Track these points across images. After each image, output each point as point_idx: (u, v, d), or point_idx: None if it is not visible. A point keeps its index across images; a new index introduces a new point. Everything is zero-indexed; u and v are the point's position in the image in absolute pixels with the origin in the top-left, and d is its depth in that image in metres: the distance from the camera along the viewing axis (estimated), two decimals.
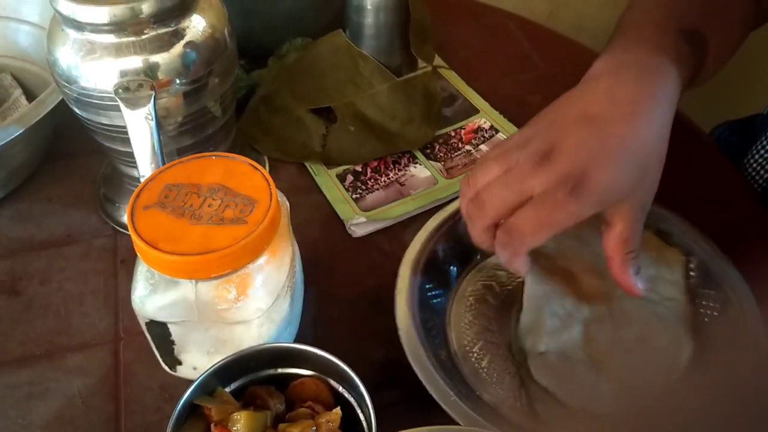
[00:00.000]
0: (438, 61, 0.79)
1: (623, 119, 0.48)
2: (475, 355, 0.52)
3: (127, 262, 0.58)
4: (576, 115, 0.50)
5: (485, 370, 0.51)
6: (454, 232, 0.56)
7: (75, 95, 0.53)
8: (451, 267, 0.56)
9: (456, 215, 0.56)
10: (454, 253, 0.57)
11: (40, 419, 0.49)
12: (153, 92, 0.50)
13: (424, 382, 0.46)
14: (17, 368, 0.52)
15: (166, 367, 0.50)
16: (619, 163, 0.47)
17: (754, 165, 0.73)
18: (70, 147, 0.69)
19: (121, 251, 0.60)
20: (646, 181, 0.49)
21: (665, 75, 0.51)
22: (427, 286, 0.54)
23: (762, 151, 0.74)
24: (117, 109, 0.50)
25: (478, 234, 0.49)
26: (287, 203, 0.49)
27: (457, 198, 0.59)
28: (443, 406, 0.45)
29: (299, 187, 0.66)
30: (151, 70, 0.51)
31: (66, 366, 0.52)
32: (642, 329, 0.51)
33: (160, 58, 0.51)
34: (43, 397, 0.50)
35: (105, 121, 0.54)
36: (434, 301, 0.54)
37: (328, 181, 0.66)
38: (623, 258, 0.49)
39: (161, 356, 0.49)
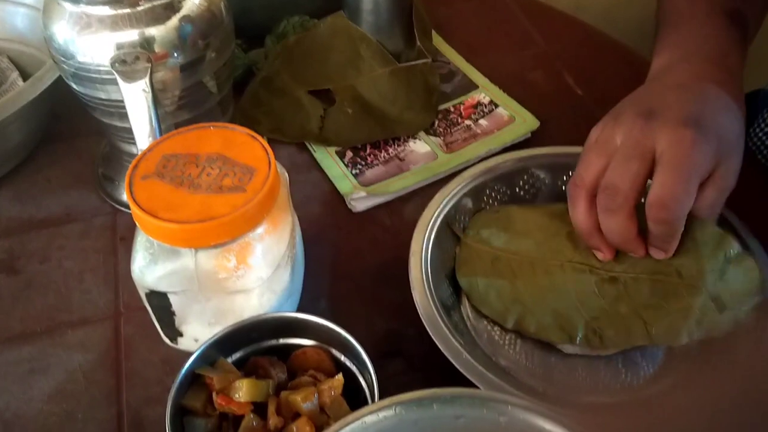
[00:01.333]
0: (437, 39, 0.78)
1: (708, 86, 0.47)
2: (489, 319, 0.52)
3: (127, 240, 0.58)
4: (660, 88, 0.48)
5: (498, 333, 0.51)
6: (466, 197, 0.56)
7: (72, 70, 0.53)
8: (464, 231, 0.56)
9: (468, 180, 0.57)
10: (467, 216, 0.57)
11: (41, 394, 0.49)
12: (150, 65, 0.50)
13: (436, 341, 0.46)
14: (18, 345, 0.52)
15: (167, 340, 0.50)
16: (724, 109, 0.46)
17: (755, 141, 0.73)
18: (68, 128, 0.69)
19: (121, 229, 0.59)
20: (742, 144, 0.46)
21: (725, 57, 0.51)
22: (440, 251, 0.53)
23: (764, 126, 0.74)
24: (114, 83, 0.50)
25: (624, 225, 0.45)
26: (286, 175, 0.49)
27: (462, 168, 0.59)
28: (456, 364, 0.45)
29: (299, 164, 0.66)
30: (147, 43, 0.51)
31: (67, 342, 0.52)
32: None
33: (156, 30, 0.51)
34: (44, 372, 0.50)
35: (102, 95, 0.54)
36: (448, 265, 0.54)
37: (327, 157, 0.65)
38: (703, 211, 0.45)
39: (162, 328, 0.49)
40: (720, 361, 0.47)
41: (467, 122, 0.68)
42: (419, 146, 0.66)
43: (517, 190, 0.58)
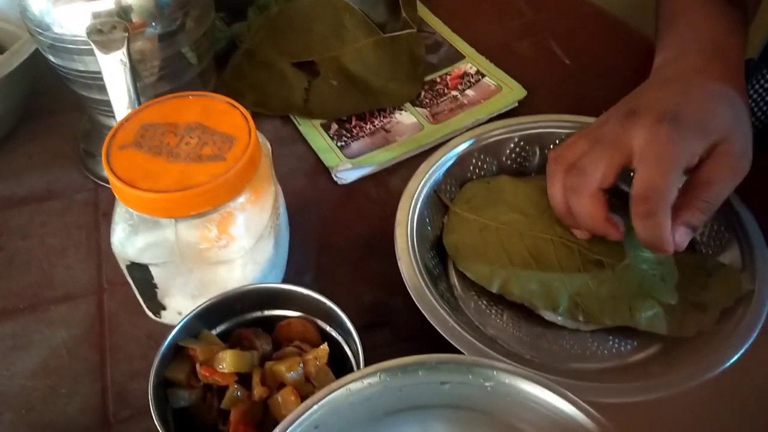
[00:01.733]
0: (423, 9, 0.77)
1: (698, 76, 0.48)
2: (476, 288, 0.51)
3: (109, 216, 0.56)
4: (649, 87, 0.49)
5: (485, 303, 0.51)
6: (453, 167, 0.56)
7: (49, 42, 0.52)
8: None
9: (455, 150, 0.56)
10: (454, 187, 0.56)
11: (24, 369, 0.48)
12: (127, 35, 0.49)
13: (422, 310, 0.46)
14: (1, 322, 0.51)
15: (150, 314, 0.49)
16: (707, 98, 0.46)
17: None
18: (48, 105, 0.68)
19: (103, 205, 0.59)
20: (740, 125, 0.46)
21: (723, 41, 0.51)
22: (427, 220, 0.53)
23: (753, 94, 0.73)
24: (92, 54, 0.49)
25: (586, 206, 0.46)
26: (268, 144, 0.48)
27: (450, 138, 0.59)
28: (443, 333, 0.45)
29: (283, 137, 0.65)
30: (124, 12, 0.50)
31: (50, 318, 0.51)
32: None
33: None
34: (27, 348, 0.49)
35: (80, 67, 0.53)
36: (434, 234, 0.54)
37: (312, 130, 0.65)
38: (695, 203, 0.45)
39: (145, 302, 0.48)
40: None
41: (454, 93, 0.68)
42: (405, 117, 0.65)
43: (504, 159, 0.58)
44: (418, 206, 0.52)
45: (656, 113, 0.44)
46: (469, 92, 0.67)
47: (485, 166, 0.58)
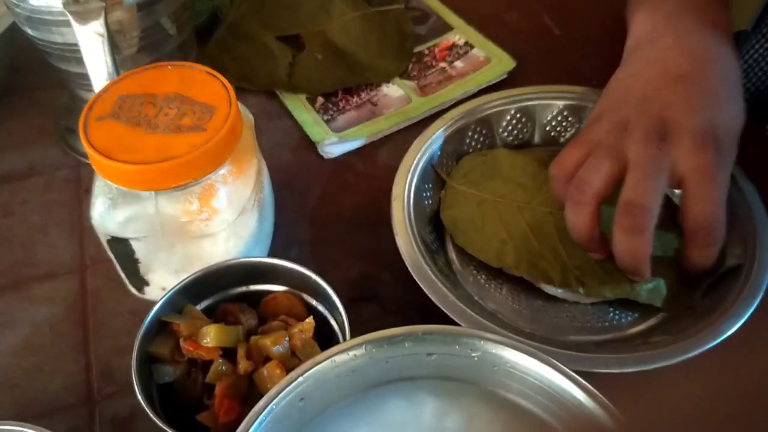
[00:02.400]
0: None
1: (713, 68, 0.47)
2: (475, 262, 0.51)
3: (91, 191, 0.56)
4: (662, 82, 0.47)
5: (483, 277, 0.50)
6: (449, 141, 0.55)
7: (26, 14, 0.51)
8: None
9: (450, 123, 0.55)
10: (451, 161, 0.56)
11: (7, 347, 0.48)
12: (104, 4, 0.47)
13: (422, 285, 0.45)
14: None
15: (134, 290, 0.48)
16: (732, 101, 0.46)
17: None
18: (28, 81, 0.66)
19: (85, 181, 0.58)
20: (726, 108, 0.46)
21: (714, 10, 0.49)
22: (424, 195, 0.52)
23: (743, 64, 0.73)
24: (69, 25, 0.48)
25: (585, 220, 0.45)
26: (251, 116, 0.47)
27: (438, 112, 0.58)
28: (443, 308, 0.44)
29: (269, 112, 0.64)
30: None
31: (33, 296, 0.50)
32: None
33: None
34: (10, 326, 0.49)
35: (58, 39, 0.51)
36: (432, 209, 0.53)
37: (297, 104, 0.64)
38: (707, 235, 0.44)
39: (127, 277, 0.47)
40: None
41: (442, 65, 0.66)
42: (393, 90, 0.64)
43: (501, 131, 0.57)
44: (414, 181, 0.51)
45: (695, 133, 0.43)
46: (458, 64, 0.66)
47: (482, 139, 0.57)
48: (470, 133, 0.56)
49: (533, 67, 0.66)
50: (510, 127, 0.57)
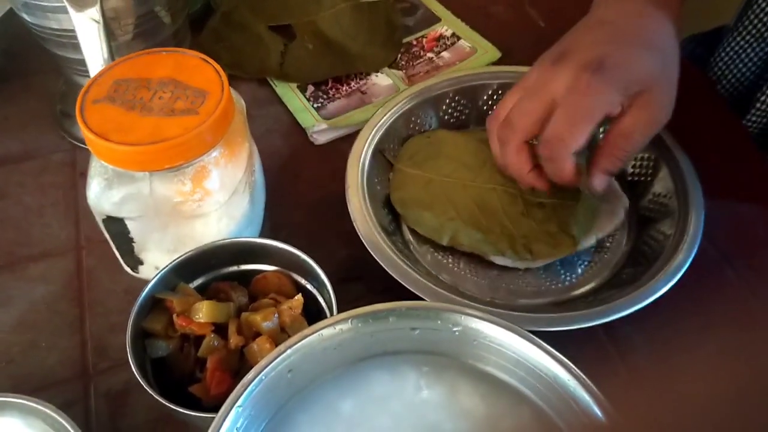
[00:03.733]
0: None
1: (632, 20, 0.48)
2: (431, 242, 0.53)
3: (87, 175, 0.58)
4: (583, 28, 0.50)
5: (440, 255, 0.52)
6: (394, 125, 0.57)
7: (23, 0, 0.52)
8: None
9: (395, 108, 0.57)
10: (397, 144, 0.58)
11: (3, 325, 0.49)
12: None
13: (383, 264, 0.47)
14: None
15: (128, 270, 0.50)
16: (636, 45, 0.47)
17: (716, 70, 0.74)
18: (24, 66, 0.67)
19: (81, 165, 0.59)
20: (665, 76, 0.47)
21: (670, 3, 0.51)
22: (375, 180, 0.54)
23: (724, 56, 0.74)
24: (65, 11, 0.49)
25: (511, 157, 0.48)
26: (242, 101, 0.49)
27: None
28: (404, 283, 0.46)
29: (260, 99, 0.65)
30: None
31: (28, 275, 0.52)
32: None
33: None
34: (6, 304, 0.50)
35: (54, 25, 0.53)
36: (384, 193, 0.55)
37: (288, 91, 0.65)
38: (615, 150, 0.47)
39: (122, 256, 0.49)
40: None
41: (429, 55, 0.68)
42: (381, 79, 0.66)
43: (441, 114, 0.59)
44: (366, 167, 0.53)
45: (582, 60, 0.45)
46: (445, 54, 0.68)
47: (424, 122, 0.59)
48: (414, 117, 0.58)
49: (518, 58, 0.67)
50: (450, 109, 0.59)
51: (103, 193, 0.44)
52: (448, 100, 0.59)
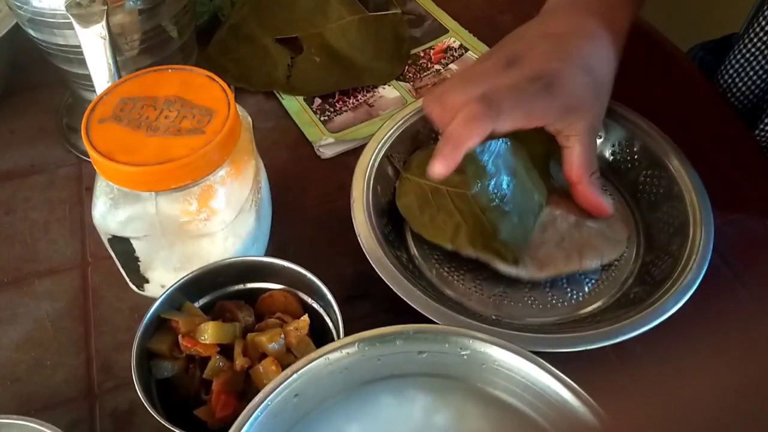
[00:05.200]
0: None
1: (583, 36, 0.51)
2: (436, 256, 0.53)
3: (93, 190, 0.57)
4: (538, 34, 0.52)
5: (445, 270, 0.52)
6: (401, 138, 0.56)
7: (28, 16, 0.52)
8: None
9: (401, 122, 0.56)
10: (406, 154, 0.57)
11: (9, 342, 0.49)
12: (105, 8, 0.48)
13: (387, 281, 0.47)
14: None
15: (134, 287, 0.50)
16: (581, 68, 0.49)
17: (726, 79, 0.73)
18: (30, 80, 0.67)
19: (86, 179, 0.59)
20: (599, 103, 0.50)
21: (616, 9, 0.53)
22: (380, 192, 0.54)
23: (734, 64, 0.73)
24: (71, 27, 0.49)
25: (446, 173, 0.47)
26: (249, 118, 0.48)
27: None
28: (408, 301, 0.46)
29: (266, 111, 0.65)
30: None
31: (34, 291, 0.52)
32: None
33: None
34: (11, 321, 0.50)
35: (60, 41, 0.52)
36: (389, 208, 0.55)
37: (295, 104, 0.65)
38: (589, 180, 0.50)
39: (128, 275, 0.48)
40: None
41: (437, 67, 0.68)
42: (388, 92, 0.66)
43: None
44: (372, 180, 0.53)
45: (533, 70, 0.47)
46: (453, 66, 0.67)
47: (431, 135, 0.58)
48: (422, 129, 0.57)
49: None
50: None
51: (109, 213, 0.44)
52: None
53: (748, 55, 0.71)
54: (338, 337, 0.42)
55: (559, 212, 0.53)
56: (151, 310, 0.42)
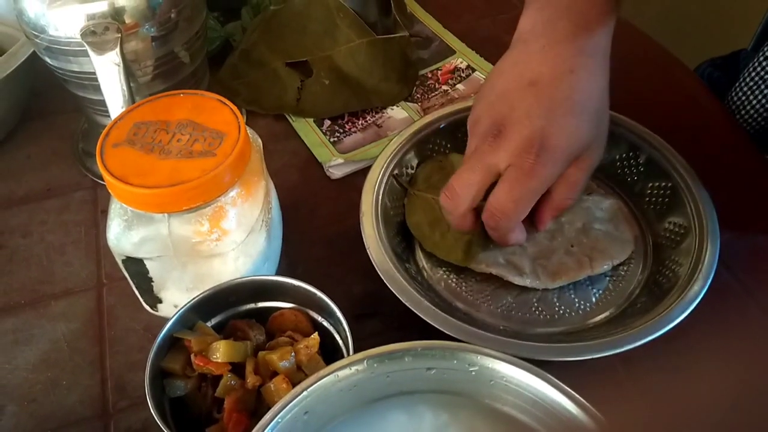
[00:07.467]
0: (413, 5, 0.78)
1: (563, 73, 0.48)
2: (444, 267, 0.53)
3: (107, 213, 0.59)
4: (516, 86, 0.49)
5: (454, 282, 0.52)
6: (410, 152, 0.57)
7: (45, 44, 0.53)
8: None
9: (410, 137, 0.57)
10: (409, 171, 0.58)
11: (26, 363, 0.50)
12: (119, 35, 0.50)
13: (396, 293, 0.47)
14: (2, 317, 0.52)
15: (147, 307, 0.50)
16: (572, 115, 0.47)
17: (735, 100, 0.73)
18: (47, 106, 0.69)
19: (102, 202, 0.60)
20: (601, 130, 0.50)
21: (594, 21, 0.50)
22: (389, 207, 0.54)
23: (749, 81, 0.74)
24: (86, 55, 0.50)
25: (458, 221, 0.50)
26: (259, 140, 0.49)
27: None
28: (417, 312, 0.46)
29: (277, 133, 0.66)
30: (117, 14, 0.51)
31: (50, 313, 0.52)
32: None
33: (125, 1, 0.51)
34: (28, 342, 0.51)
35: (76, 68, 0.54)
36: (398, 220, 0.55)
37: (305, 126, 0.66)
38: (562, 202, 0.50)
39: (141, 295, 0.49)
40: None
41: (444, 87, 0.69)
42: (397, 113, 0.67)
43: (457, 139, 0.59)
44: (381, 194, 0.54)
45: (522, 139, 0.46)
46: (460, 87, 0.68)
47: (438, 150, 0.59)
48: (430, 145, 0.58)
49: None
50: (463, 136, 0.58)
51: (123, 235, 0.45)
52: (463, 128, 0.59)
53: (763, 73, 0.72)
54: (348, 355, 0.43)
55: (566, 219, 0.54)
56: (164, 330, 0.43)
